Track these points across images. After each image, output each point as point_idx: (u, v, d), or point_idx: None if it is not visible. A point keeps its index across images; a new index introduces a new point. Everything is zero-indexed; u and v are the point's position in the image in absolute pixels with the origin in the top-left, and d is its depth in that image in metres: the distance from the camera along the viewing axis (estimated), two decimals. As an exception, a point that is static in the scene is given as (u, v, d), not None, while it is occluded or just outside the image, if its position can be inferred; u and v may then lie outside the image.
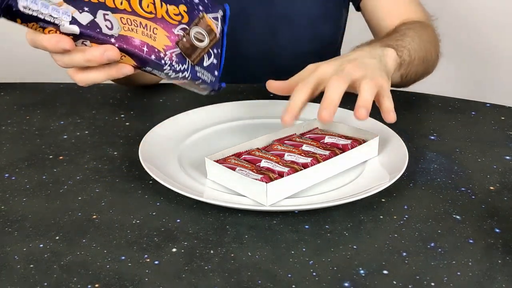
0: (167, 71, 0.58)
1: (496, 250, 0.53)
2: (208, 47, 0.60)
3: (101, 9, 0.55)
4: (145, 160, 0.64)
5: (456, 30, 1.58)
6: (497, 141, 0.74)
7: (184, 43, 0.58)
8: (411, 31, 0.83)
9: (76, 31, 0.53)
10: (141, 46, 0.56)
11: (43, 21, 0.52)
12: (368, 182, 0.62)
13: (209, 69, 0.61)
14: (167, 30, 0.58)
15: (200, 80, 0.60)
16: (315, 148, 0.65)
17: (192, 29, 0.59)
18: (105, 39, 0.54)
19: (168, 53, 0.57)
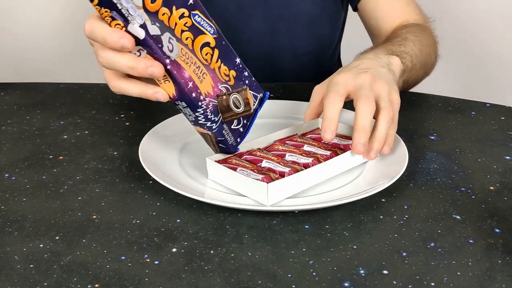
0: (199, 114, 0.58)
1: (496, 250, 0.53)
2: (240, 115, 0.62)
3: (169, 32, 0.56)
4: (145, 160, 0.64)
5: (456, 30, 1.58)
6: (497, 141, 0.74)
7: (222, 100, 0.60)
8: (411, 35, 0.84)
9: (141, 35, 0.53)
10: (188, 80, 0.56)
11: (118, 12, 0.52)
12: (368, 182, 0.62)
13: (235, 133, 0.63)
14: (213, 81, 0.59)
15: (224, 138, 0.61)
16: (316, 148, 0.65)
17: (233, 93, 0.61)
18: (162, 56, 0.54)
19: (207, 99, 0.58)
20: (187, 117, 0.59)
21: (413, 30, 0.87)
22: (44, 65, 1.65)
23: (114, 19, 0.53)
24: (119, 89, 0.57)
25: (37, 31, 1.64)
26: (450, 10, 1.57)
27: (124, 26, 0.53)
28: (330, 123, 0.62)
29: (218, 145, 0.62)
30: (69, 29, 1.63)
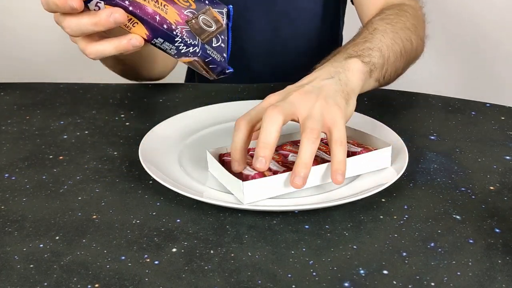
0: (178, 43, 0.58)
1: (496, 250, 0.53)
2: (215, 33, 0.61)
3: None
4: (145, 160, 0.64)
5: (456, 30, 1.58)
6: (497, 141, 0.74)
7: (193, 24, 0.59)
8: (383, 23, 0.77)
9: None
10: (153, 14, 0.56)
11: None
12: (368, 182, 0.62)
13: (218, 50, 0.61)
14: (177, 9, 0.59)
15: (210, 58, 0.60)
16: (321, 153, 0.64)
17: (199, 15, 0.60)
18: (119, 2, 0.54)
19: (179, 27, 0.58)
20: (169, 52, 0.59)
21: (387, 15, 0.80)
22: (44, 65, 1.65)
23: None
24: (95, 53, 0.57)
25: (37, 31, 1.64)
26: (450, 10, 1.57)
27: None
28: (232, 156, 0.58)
29: (209, 67, 0.61)
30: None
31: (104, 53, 0.57)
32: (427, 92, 0.91)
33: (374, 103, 0.86)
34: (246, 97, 0.88)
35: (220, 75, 0.63)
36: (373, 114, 0.80)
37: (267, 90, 0.90)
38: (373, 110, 0.84)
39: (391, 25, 0.78)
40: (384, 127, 0.73)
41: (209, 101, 0.83)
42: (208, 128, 0.76)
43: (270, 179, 0.58)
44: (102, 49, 0.57)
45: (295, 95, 0.59)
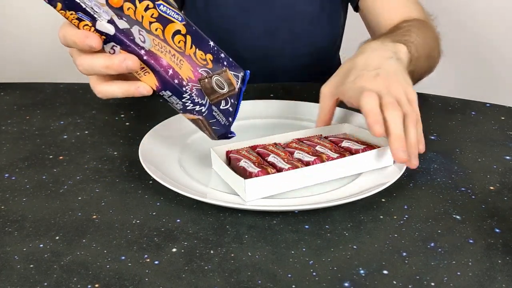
0: (185, 100, 0.58)
1: (496, 250, 0.53)
2: (226, 95, 0.61)
3: (137, 25, 0.56)
4: (145, 160, 0.64)
5: (456, 30, 1.58)
6: (497, 141, 0.74)
7: (205, 83, 0.59)
8: (414, 27, 0.82)
9: (111, 30, 0.53)
10: (167, 67, 0.56)
11: (83, 11, 0.52)
12: (368, 182, 0.62)
13: (225, 113, 0.61)
14: (192, 66, 0.59)
15: (215, 120, 0.60)
16: (326, 150, 0.64)
17: (214, 76, 0.60)
18: (136, 49, 0.54)
19: (190, 84, 0.58)
20: (175, 106, 0.58)
21: (415, 24, 0.85)
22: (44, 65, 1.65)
23: (81, 20, 0.53)
24: (104, 93, 0.57)
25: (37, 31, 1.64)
26: (450, 10, 1.57)
27: (93, 25, 0.53)
28: (400, 141, 0.60)
29: (212, 128, 0.61)
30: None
31: (113, 95, 0.57)
32: (427, 92, 0.91)
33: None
34: (245, 97, 0.88)
35: (221, 137, 0.62)
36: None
37: (267, 90, 0.91)
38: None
39: (421, 31, 0.82)
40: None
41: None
42: (208, 128, 0.76)
43: (272, 177, 0.58)
44: (111, 91, 0.57)
45: (383, 84, 0.64)
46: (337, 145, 0.66)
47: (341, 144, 0.66)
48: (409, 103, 0.64)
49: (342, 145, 0.66)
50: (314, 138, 0.68)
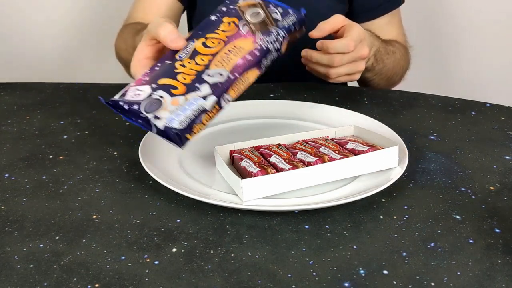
0: (271, 46, 0.63)
1: (496, 250, 0.53)
2: (265, 10, 0.66)
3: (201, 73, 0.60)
4: (145, 160, 0.64)
5: (456, 30, 1.58)
6: (497, 141, 0.74)
7: (256, 28, 0.64)
8: (397, 54, 0.98)
9: (215, 99, 0.58)
10: (243, 60, 0.62)
11: (195, 117, 0.57)
12: (368, 182, 0.62)
13: (283, 14, 0.66)
14: (239, 37, 0.64)
15: (291, 25, 0.65)
16: (330, 151, 0.64)
17: (246, 17, 0.65)
18: (228, 81, 0.60)
19: (257, 40, 0.63)
20: (274, 58, 0.64)
21: (399, 49, 1.01)
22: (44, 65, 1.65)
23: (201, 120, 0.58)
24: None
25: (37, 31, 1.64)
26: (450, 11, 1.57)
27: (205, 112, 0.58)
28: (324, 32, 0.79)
29: (299, 28, 0.66)
30: (69, 29, 1.63)
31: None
32: (427, 92, 0.91)
33: (374, 103, 0.86)
34: (246, 97, 0.88)
35: (305, 22, 0.67)
36: (373, 114, 0.80)
37: (267, 90, 0.91)
38: (373, 110, 0.84)
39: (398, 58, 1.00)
40: (384, 127, 0.73)
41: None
42: (208, 128, 0.76)
43: (270, 177, 0.58)
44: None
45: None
46: (342, 147, 0.65)
47: (346, 145, 0.66)
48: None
49: (347, 146, 0.65)
50: (320, 140, 0.68)
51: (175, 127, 0.56)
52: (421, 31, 1.54)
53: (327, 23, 0.81)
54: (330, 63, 0.79)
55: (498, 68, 1.59)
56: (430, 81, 1.58)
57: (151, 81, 0.60)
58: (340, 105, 0.82)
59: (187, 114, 0.56)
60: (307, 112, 0.80)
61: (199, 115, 0.57)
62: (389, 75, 0.99)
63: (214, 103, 0.58)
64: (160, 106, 0.57)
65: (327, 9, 1.03)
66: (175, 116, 0.56)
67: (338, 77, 0.81)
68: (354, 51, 0.79)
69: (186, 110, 0.57)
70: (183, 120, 0.56)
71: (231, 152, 0.66)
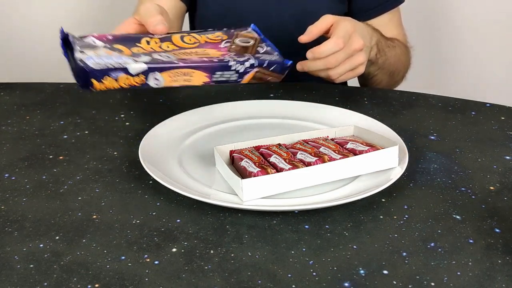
0: (234, 66, 0.63)
1: (496, 250, 0.53)
2: (256, 44, 0.67)
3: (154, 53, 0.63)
4: (145, 160, 0.64)
5: (456, 30, 1.58)
6: (497, 141, 0.74)
7: (235, 48, 0.65)
8: (397, 48, 0.99)
9: (143, 67, 0.59)
10: (199, 59, 0.62)
11: (113, 70, 0.58)
12: (368, 182, 0.62)
13: (268, 53, 0.66)
14: (214, 47, 0.65)
15: (267, 61, 0.64)
16: (330, 151, 0.64)
17: (234, 40, 0.67)
18: (170, 64, 0.60)
19: (227, 56, 0.64)
20: (232, 80, 0.64)
21: (400, 46, 1.01)
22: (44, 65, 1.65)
23: (118, 78, 0.58)
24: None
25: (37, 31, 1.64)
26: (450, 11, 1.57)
27: (128, 74, 0.59)
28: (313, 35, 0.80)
29: (271, 70, 0.65)
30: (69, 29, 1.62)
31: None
32: (427, 92, 0.91)
33: (374, 103, 0.86)
34: (246, 97, 0.88)
35: (284, 72, 0.66)
36: (373, 114, 0.80)
37: (266, 90, 0.91)
38: (373, 110, 0.84)
39: (399, 53, 1.00)
40: (384, 127, 0.73)
41: (209, 101, 0.83)
42: (208, 128, 0.76)
43: (270, 177, 0.58)
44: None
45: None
46: (342, 147, 0.65)
47: (346, 145, 0.66)
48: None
49: (347, 146, 0.65)
50: (320, 140, 0.68)
51: (88, 64, 0.57)
52: (421, 31, 1.54)
53: (315, 26, 0.81)
54: (327, 66, 0.79)
55: (498, 68, 1.59)
56: (430, 81, 1.58)
57: (109, 42, 0.62)
58: (340, 105, 0.82)
59: (107, 62, 0.57)
60: (307, 112, 0.80)
61: (117, 70, 0.57)
62: (391, 70, 0.98)
63: (140, 70, 0.58)
64: (93, 48, 0.59)
65: (326, 10, 1.03)
66: (96, 58, 0.57)
67: (340, 76, 0.81)
68: (346, 46, 0.78)
69: (110, 59, 0.58)
70: (99, 63, 0.57)
71: (231, 152, 0.66)
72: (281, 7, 1.02)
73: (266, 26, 1.02)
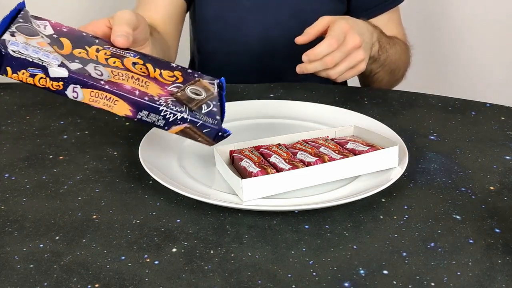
0: (164, 112, 0.57)
1: (496, 250, 0.53)
2: (206, 99, 0.61)
3: (92, 63, 0.57)
4: (145, 160, 0.64)
5: (456, 30, 1.58)
6: (497, 141, 0.74)
7: (179, 95, 0.59)
8: (397, 46, 0.98)
9: (64, 73, 0.54)
10: (132, 90, 0.57)
11: (33, 65, 0.53)
12: (368, 182, 0.62)
13: (209, 114, 0.60)
14: (159, 85, 0.59)
15: (200, 122, 0.59)
16: (330, 151, 0.64)
17: (187, 87, 0.61)
18: (94, 83, 0.55)
19: (163, 98, 0.58)
20: (157, 124, 0.58)
21: (400, 44, 1.01)
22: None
23: (34, 75, 0.54)
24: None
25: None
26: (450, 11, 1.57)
27: (47, 75, 0.54)
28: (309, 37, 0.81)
29: (203, 132, 0.59)
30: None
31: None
32: (427, 92, 0.91)
33: (374, 103, 0.86)
34: (246, 97, 0.88)
35: (217, 138, 0.61)
36: (373, 114, 0.80)
37: (266, 90, 0.91)
38: (373, 110, 0.84)
39: (400, 52, 0.99)
40: (384, 127, 0.73)
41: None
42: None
43: (270, 177, 0.58)
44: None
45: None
46: (342, 147, 0.65)
47: (346, 145, 0.66)
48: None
49: (347, 146, 0.65)
50: (320, 140, 0.68)
51: (8, 47, 0.53)
52: (421, 31, 1.54)
53: (312, 27, 0.82)
54: (325, 67, 0.79)
55: (498, 68, 1.59)
56: (430, 81, 1.58)
57: (59, 33, 0.59)
58: (340, 105, 0.82)
59: (30, 53, 0.53)
60: (307, 112, 0.80)
61: (37, 66, 0.53)
62: (392, 67, 0.98)
63: (59, 76, 0.54)
64: (31, 35, 0.56)
65: (326, 9, 1.03)
66: (21, 47, 0.53)
67: (341, 74, 0.81)
68: (342, 44, 0.78)
69: (35, 53, 0.54)
70: (22, 53, 0.53)
71: (231, 152, 0.66)
72: (281, 7, 1.02)
73: (265, 26, 1.03)
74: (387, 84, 1.02)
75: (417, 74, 1.12)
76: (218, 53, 1.07)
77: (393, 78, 1.02)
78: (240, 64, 1.05)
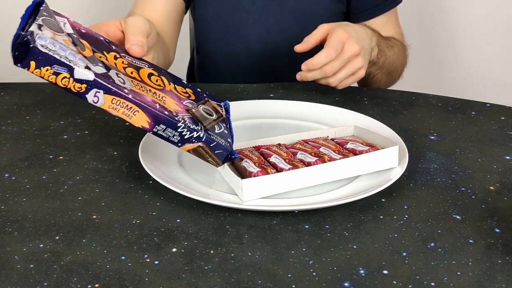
0: (181, 129, 0.56)
1: (496, 250, 0.53)
2: (217, 121, 0.61)
3: (114, 69, 0.56)
4: (145, 160, 0.64)
5: (456, 30, 1.58)
6: (497, 141, 0.74)
7: (194, 112, 0.59)
8: (395, 48, 1.00)
9: (90, 76, 0.53)
10: (153, 102, 0.56)
11: (59, 63, 0.52)
12: (368, 182, 0.62)
13: (222, 135, 0.60)
14: (175, 100, 0.59)
15: (215, 142, 0.58)
16: (330, 151, 0.64)
17: (199, 105, 0.61)
18: (118, 90, 0.54)
19: (180, 114, 0.57)
20: (172, 140, 0.58)
21: (398, 44, 1.02)
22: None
23: (58, 74, 0.52)
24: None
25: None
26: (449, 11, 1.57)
27: (71, 76, 0.52)
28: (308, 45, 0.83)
29: (215, 153, 0.59)
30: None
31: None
32: (427, 92, 0.91)
33: (374, 103, 0.86)
34: (246, 97, 0.88)
35: (226, 160, 0.60)
36: (373, 114, 0.80)
37: (267, 90, 0.91)
38: (373, 110, 0.84)
39: (398, 53, 1.01)
40: (384, 127, 0.73)
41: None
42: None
43: (270, 177, 0.58)
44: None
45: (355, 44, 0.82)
46: (342, 147, 0.65)
47: (346, 145, 0.66)
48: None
49: (347, 146, 0.65)
50: (320, 140, 0.68)
51: (36, 41, 0.51)
52: (420, 31, 1.54)
53: (312, 35, 0.83)
54: (324, 75, 0.80)
55: (498, 68, 1.59)
56: (430, 81, 1.58)
57: (78, 33, 0.57)
58: (340, 105, 0.82)
59: (58, 51, 0.51)
60: (307, 112, 0.80)
61: (61, 64, 0.52)
62: (390, 69, 0.99)
63: (84, 79, 0.52)
64: (56, 31, 0.53)
65: (325, 9, 1.03)
66: (49, 43, 0.51)
67: (341, 82, 0.82)
68: (341, 53, 0.79)
69: (63, 51, 0.52)
70: (48, 47, 0.51)
71: None
72: (281, 7, 1.02)
73: (266, 27, 1.03)
74: (385, 84, 1.04)
75: (417, 74, 1.12)
76: (218, 53, 1.07)
77: (391, 78, 1.03)
78: (241, 65, 1.05)
